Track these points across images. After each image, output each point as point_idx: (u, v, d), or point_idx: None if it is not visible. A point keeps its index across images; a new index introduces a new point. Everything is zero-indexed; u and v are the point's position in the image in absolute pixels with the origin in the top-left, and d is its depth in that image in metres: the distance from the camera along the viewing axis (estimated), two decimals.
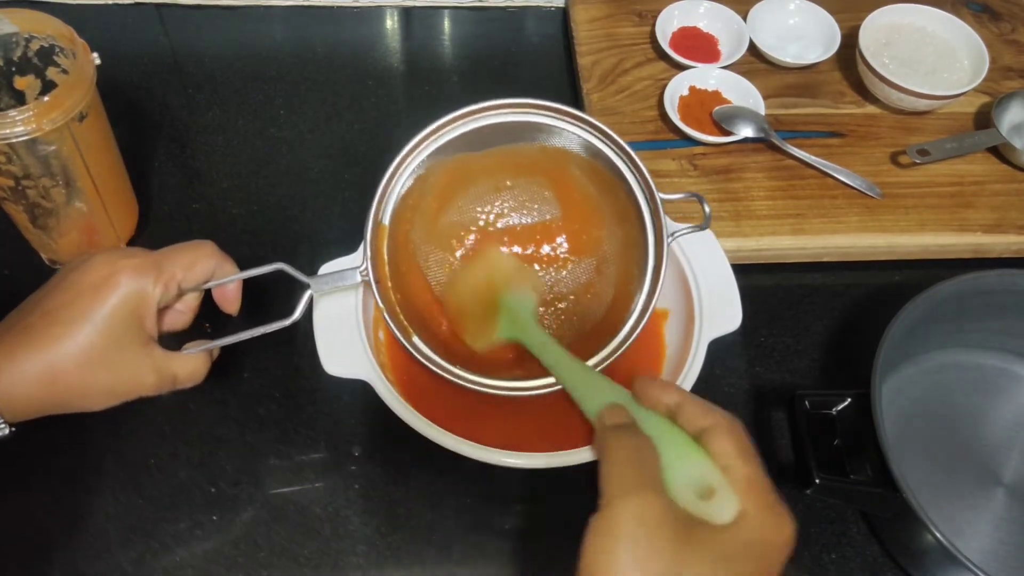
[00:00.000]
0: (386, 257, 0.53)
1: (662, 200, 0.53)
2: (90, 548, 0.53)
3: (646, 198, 0.53)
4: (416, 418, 0.50)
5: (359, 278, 0.52)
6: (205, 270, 0.49)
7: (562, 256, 0.58)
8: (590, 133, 0.54)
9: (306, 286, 0.51)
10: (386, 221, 0.53)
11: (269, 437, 0.58)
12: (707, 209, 0.54)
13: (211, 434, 0.58)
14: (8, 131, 0.51)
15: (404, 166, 0.53)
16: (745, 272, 0.62)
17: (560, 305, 0.57)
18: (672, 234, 0.53)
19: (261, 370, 0.61)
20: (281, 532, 0.55)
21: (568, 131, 0.54)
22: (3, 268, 0.65)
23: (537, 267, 0.58)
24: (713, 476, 0.38)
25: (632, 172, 0.54)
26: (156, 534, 0.54)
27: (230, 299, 0.51)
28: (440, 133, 0.53)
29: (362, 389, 0.52)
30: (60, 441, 0.57)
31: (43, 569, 0.52)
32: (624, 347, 0.53)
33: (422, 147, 0.53)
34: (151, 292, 0.46)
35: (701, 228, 0.54)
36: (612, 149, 0.54)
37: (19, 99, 0.59)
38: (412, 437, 0.50)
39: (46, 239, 0.61)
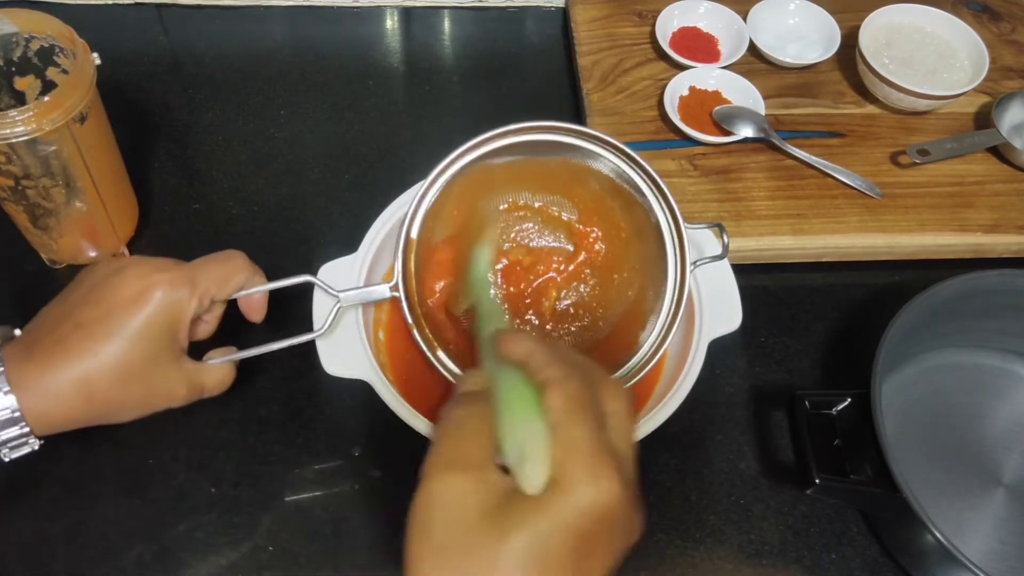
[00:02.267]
0: (413, 270, 0.53)
1: (686, 228, 0.53)
2: (91, 550, 0.53)
3: (671, 228, 0.53)
4: (416, 418, 0.50)
5: (389, 293, 0.53)
6: (237, 283, 0.49)
7: (581, 266, 0.58)
8: (620, 159, 0.54)
9: (335, 299, 0.52)
10: (415, 235, 0.53)
11: (270, 438, 0.58)
12: (726, 239, 0.54)
13: (211, 435, 0.58)
14: (8, 131, 0.51)
15: (435, 183, 0.53)
16: (745, 272, 0.62)
17: (575, 313, 0.58)
18: (694, 263, 0.53)
19: (261, 371, 0.61)
20: (282, 533, 0.55)
21: (599, 155, 0.54)
22: (3, 268, 0.65)
23: (555, 274, 0.58)
24: (533, 438, 0.35)
25: (658, 199, 0.53)
26: (157, 536, 0.54)
27: (256, 308, 0.52)
28: (473, 151, 0.53)
29: (362, 389, 0.52)
30: (61, 444, 0.57)
31: (44, 572, 0.52)
32: (645, 371, 0.53)
33: (454, 165, 0.53)
34: (186, 307, 0.46)
35: (720, 257, 0.54)
36: (640, 176, 0.54)
37: (19, 99, 0.59)
38: (412, 437, 0.50)
39: (46, 239, 0.61)
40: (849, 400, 0.54)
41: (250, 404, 0.60)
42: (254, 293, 0.51)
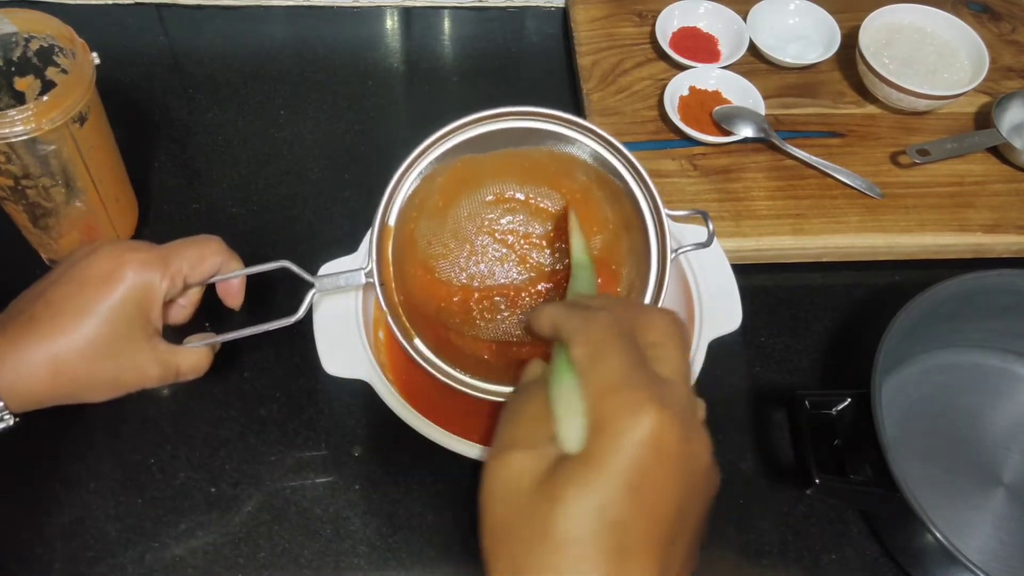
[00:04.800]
0: (390, 258, 0.53)
1: (668, 216, 0.53)
2: (91, 549, 0.53)
3: (652, 212, 0.53)
4: (416, 418, 0.50)
5: (363, 279, 0.52)
6: (212, 266, 0.49)
7: (565, 256, 0.58)
8: (598, 143, 0.54)
9: (310, 285, 0.51)
10: (392, 222, 0.53)
11: (269, 438, 0.58)
12: (711, 227, 0.53)
13: (212, 435, 0.58)
14: (7, 131, 0.51)
15: (412, 169, 0.53)
16: (745, 272, 0.62)
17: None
18: (675, 250, 0.53)
19: (261, 370, 0.61)
20: (282, 533, 0.55)
21: (576, 140, 0.54)
22: (3, 268, 0.65)
23: (540, 260, 0.58)
24: (565, 396, 0.34)
25: (639, 185, 0.53)
26: (157, 535, 0.54)
27: (234, 294, 0.52)
28: (448, 137, 0.53)
29: (362, 389, 0.52)
30: (60, 442, 0.57)
31: (44, 571, 0.52)
32: None
33: (430, 151, 0.53)
34: (157, 286, 0.46)
35: (705, 245, 0.54)
36: (620, 160, 0.54)
37: (19, 99, 0.59)
38: (412, 437, 0.50)
39: (46, 239, 0.61)
40: (849, 400, 0.54)
41: (250, 404, 0.60)
42: (230, 278, 0.50)
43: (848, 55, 0.79)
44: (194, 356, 0.49)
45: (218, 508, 0.55)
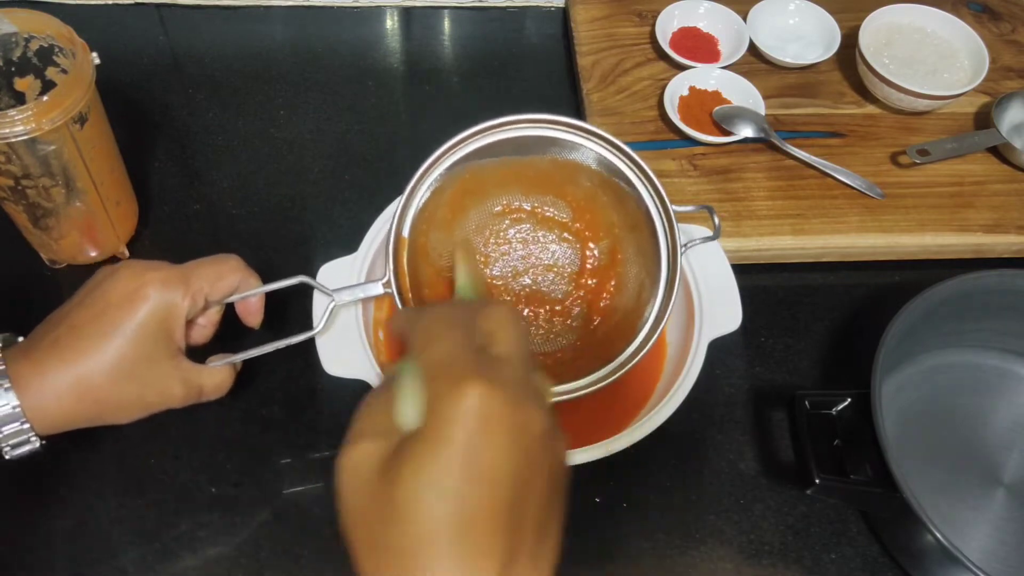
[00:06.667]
0: (406, 269, 0.53)
1: (675, 212, 0.53)
2: (92, 550, 0.53)
3: (659, 210, 0.54)
4: None
5: (382, 290, 0.53)
6: (231, 284, 0.49)
7: (574, 261, 0.58)
8: (603, 147, 0.54)
9: (329, 298, 0.52)
10: (406, 233, 0.54)
11: (270, 438, 0.58)
12: (717, 221, 0.54)
13: (212, 435, 0.58)
14: (8, 131, 0.51)
15: (423, 180, 0.54)
16: (745, 272, 0.62)
17: (575, 311, 0.58)
18: (685, 245, 0.53)
19: (263, 372, 0.61)
20: (283, 533, 0.55)
21: (582, 145, 0.54)
22: (3, 268, 0.65)
23: (550, 273, 0.58)
24: (405, 382, 0.35)
25: (644, 184, 0.54)
26: (158, 536, 0.54)
27: (253, 312, 0.52)
28: (458, 148, 0.54)
29: (363, 389, 0.52)
30: (62, 444, 0.57)
31: (46, 571, 0.52)
32: (641, 354, 0.53)
33: (441, 162, 0.54)
34: (179, 305, 0.46)
35: (712, 238, 0.54)
36: (625, 162, 0.54)
37: (19, 99, 0.59)
38: None
39: (46, 239, 0.61)
40: (849, 400, 0.54)
41: (251, 404, 0.60)
42: (249, 296, 0.51)
43: (848, 55, 0.79)
44: (217, 375, 0.50)
45: (219, 509, 0.55)
